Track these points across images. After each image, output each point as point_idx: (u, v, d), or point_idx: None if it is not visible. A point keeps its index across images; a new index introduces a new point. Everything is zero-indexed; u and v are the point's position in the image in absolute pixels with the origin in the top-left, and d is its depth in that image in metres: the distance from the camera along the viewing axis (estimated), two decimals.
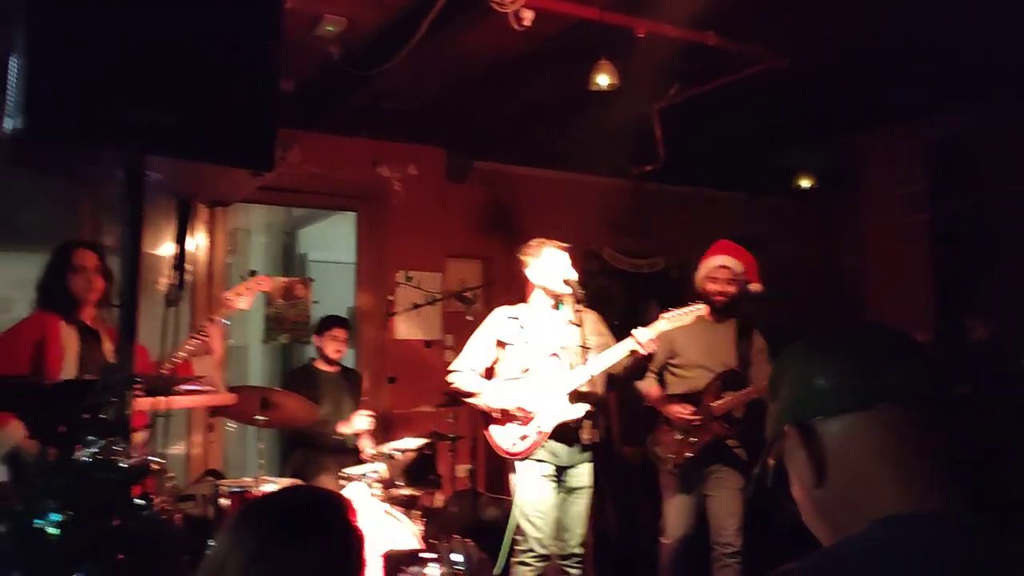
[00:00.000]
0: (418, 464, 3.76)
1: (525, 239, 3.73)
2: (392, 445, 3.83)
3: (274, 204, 5.79)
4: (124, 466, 1.37)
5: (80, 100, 1.37)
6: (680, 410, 3.69)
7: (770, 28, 3.79)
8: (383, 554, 3.17)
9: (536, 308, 3.57)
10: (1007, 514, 0.79)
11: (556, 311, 3.55)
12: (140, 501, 1.39)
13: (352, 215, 5.49)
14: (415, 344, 5.21)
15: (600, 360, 3.34)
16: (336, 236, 6.10)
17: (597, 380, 3.42)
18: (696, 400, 3.71)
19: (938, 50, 3.75)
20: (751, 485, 0.96)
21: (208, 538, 3.08)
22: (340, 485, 3.61)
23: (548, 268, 3.49)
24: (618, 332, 3.52)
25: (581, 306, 3.40)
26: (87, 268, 3.01)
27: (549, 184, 5.74)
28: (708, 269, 3.77)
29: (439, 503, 3.84)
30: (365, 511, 3.37)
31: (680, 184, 5.94)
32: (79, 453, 1.39)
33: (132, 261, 1.58)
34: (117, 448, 1.39)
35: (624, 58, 3.70)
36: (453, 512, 3.88)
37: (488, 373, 3.63)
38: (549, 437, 3.38)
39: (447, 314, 5.24)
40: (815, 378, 0.88)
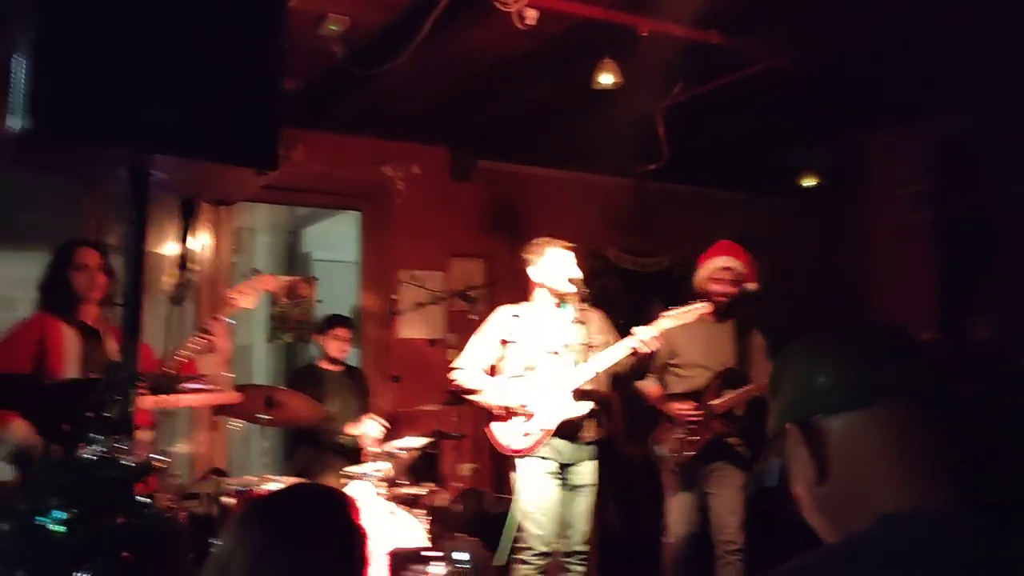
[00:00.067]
0: (422, 463, 3.77)
1: (529, 238, 3.73)
2: (396, 444, 3.84)
3: (278, 203, 5.79)
4: (128, 464, 1.37)
5: (84, 99, 1.38)
6: (681, 407, 3.70)
7: (773, 27, 3.78)
8: (388, 552, 3.18)
9: (539, 306, 3.58)
10: (1008, 513, 0.79)
11: (559, 309, 3.56)
12: (144, 499, 1.40)
13: (356, 214, 5.49)
14: (419, 343, 5.22)
15: (602, 358, 3.35)
16: (340, 235, 6.10)
17: (600, 378, 3.42)
18: (696, 399, 3.71)
19: (940, 49, 3.74)
20: (753, 482, 0.96)
21: (212, 537, 3.09)
22: (344, 484, 3.61)
23: (552, 267, 3.50)
24: (622, 331, 3.52)
25: (585, 305, 3.41)
26: (90, 266, 3.01)
27: (553, 183, 5.73)
28: (711, 270, 3.77)
29: (443, 502, 3.84)
30: (369, 510, 3.37)
31: (684, 183, 5.92)
32: (83, 451, 1.40)
33: (136, 260, 1.59)
34: (121, 446, 1.39)
35: (628, 57, 3.70)
36: (457, 511, 3.88)
37: (492, 371, 3.65)
38: (552, 434, 3.39)
39: (450, 313, 5.24)
40: (816, 376, 0.88)
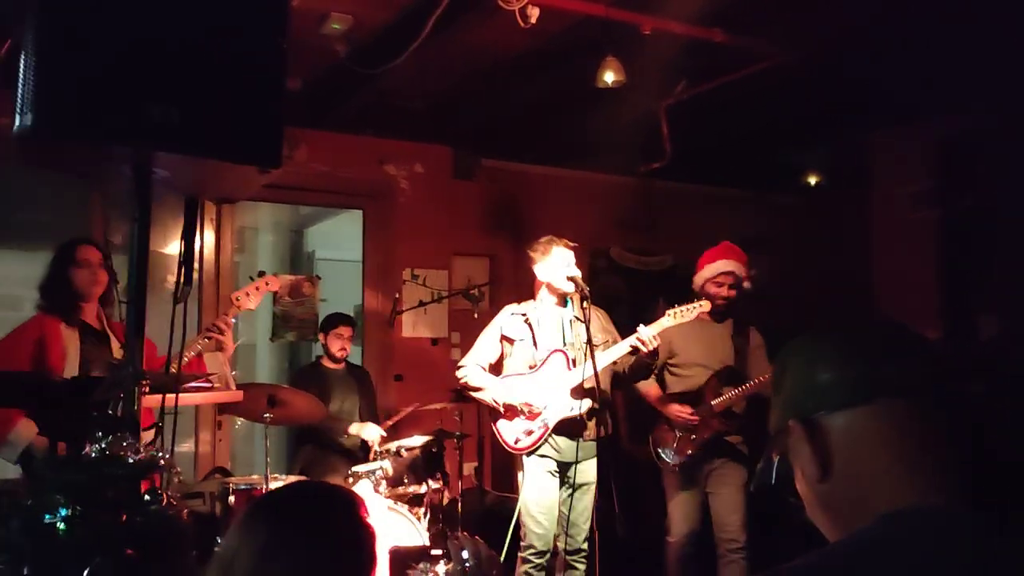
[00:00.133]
0: (425, 462, 3.77)
1: (532, 237, 3.74)
2: (399, 443, 3.85)
3: (281, 202, 5.80)
4: (132, 462, 1.38)
5: (88, 98, 1.38)
6: (679, 410, 3.72)
7: (776, 26, 3.77)
8: (389, 551, 3.18)
9: (543, 305, 3.60)
10: (1008, 513, 0.79)
11: (563, 308, 3.58)
12: (148, 497, 1.40)
13: (359, 213, 5.49)
14: (422, 342, 5.22)
15: (603, 357, 3.36)
16: (343, 234, 6.11)
17: (603, 377, 3.43)
18: (695, 398, 3.73)
19: (943, 48, 3.72)
20: (755, 480, 0.95)
21: (216, 535, 3.10)
22: (347, 483, 3.62)
23: (556, 266, 3.51)
24: (625, 330, 3.54)
25: (588, 303, 3.42)
26: (91, 263, 3.02)
27: (556, 182, 5.73)
28: (712, 273, 3.78)
29: (446, 500, 3.85)
30: (372, 509, 3.38)
31: (687, 182, 5.91)
32: (88, 449, 1.40)
33: (141, 258, 1.59)
34: (125, 444, 1.40)
35: (630, 55, 3.69)
36: (460, 509, 3.88)
37: (496, 370, 3.66)
38: (553, 432, 3.42)
39: (454, 312, 5.25)
40: (818, 373, 0.88)
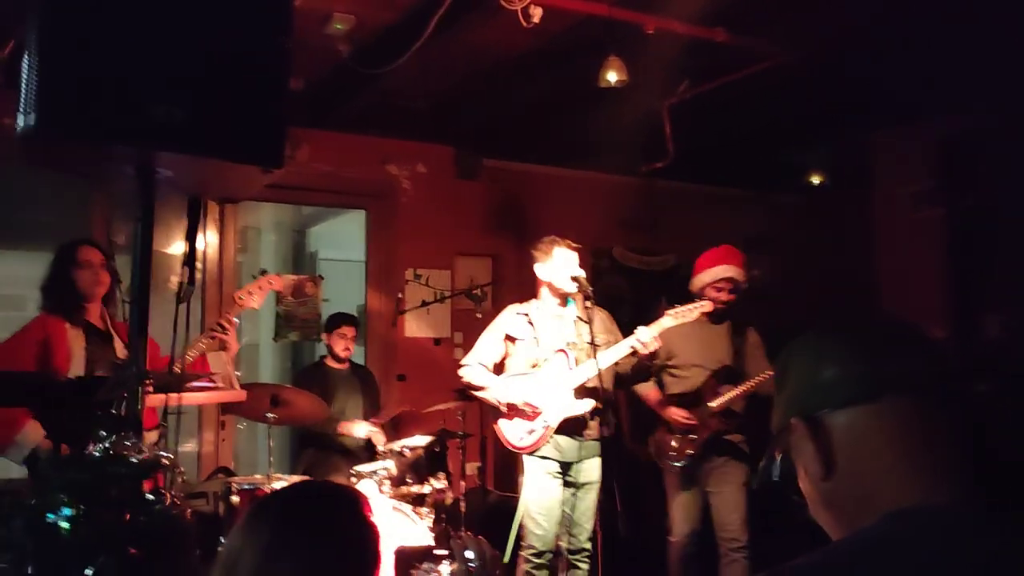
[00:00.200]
0: (428, 461, 3.77)
1: (535, 237, 3.74)
2: (402, 443, 3.85)
3: (284, 202, 5.80)
4: (135, 461, 1.38)
5: (91, 98, 1.38)
6: (676, 413, 3.74)
7: (779, 25, 3.77)
8: (394, 551, 3.18)
9: (546, 305, 3.61)
10: (1013, 512, 0.78)
11: (565, 308, 3.59)
12: (151, 496, 1.40)
13: (362, 213, 5.49)
14: (424, 342, 5.22)
15: (605, 357, 3.37)
16: (346, 234, 6.11)
17: (605, 377, 3.44)
18: (694, 399, 3.75)
19: (946, 47, 3.72)
20: (758, 478, 0.95)
21: (219, 535, 3.10)
22: (350, 482, 3.62)
23: (556, 267, 3.52)
24: (628, 330, 3.54)
25: (590, 303, 3.42)
26: (93, 263, 3.02)
27: (558, 181, 5.72)
28: (712, 278, 3.78)
29: (449, 500, 3.85)
30: (376, 508, 3.38)
31: (690, 181, 5.91)
32: (91, 448, 1.40)
33: (144, 258, 1.59)
34: (128, 443, 1.40)
35: (633, 54, 3.68)
36: (463, 509, 3.88)
37: (499, 369, 3.67)
38: (555, 432, 3.42)
39: (456, 312, 5.25)
40: (822, 370, 0.87)
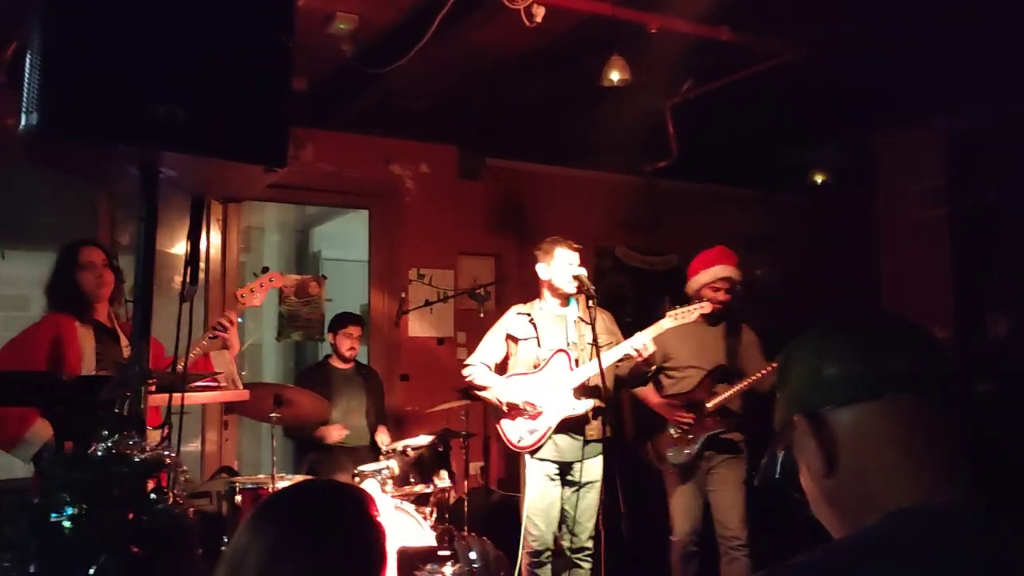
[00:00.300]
0: (431, 461, 3.78)
1: (538, 236, 3.74)
2: (405, 442, 3.85)
3: (287, 202, 5.81)
4: (139, 460, 1.38)
5: (92, 98, 1.38)
6: (675, 411, 3.75)
7: (783, 23, 3.76)
8: (396, 551, 3.18)
9: (547, 305, 3.63)
10: (1015, 511, 0.78)
11: (566, 308, 3.61)
12: (154, 495, 1.40)
13: (365, 213, 5.50)
14: (427, 341, 5.22)
15: (604, 358, 3.38)
16: (349, 234, 6.11)
17: (606, 376, 3.45)
18: (690, 399, 3.76)
19: (952, 45, 3.70)
20: (759, 476, 0.94)
21: (222, 534, 3.10)
22: (354, 482, 3.62)
23: (557, 267, 3.53)
24: (631, 330, 3.54)
25: (592, 304, 3.43)
26: (96, 264, 3.02)
27: (561, 181, 5.72)
28: (709, 278, 3.79)
29: (452, 500, 3.85)
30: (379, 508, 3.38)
31: (693, 181, 5.90)
32: (95, 447, 1.40)
33: (147, 258, 1.59)
34: (131, 442, 1.40)
35: (636, 54, 3.68)
36: (466, 509, 3.88)
37: (503, 369, 3.68)
38: (555, 432, 3.45)
39: (459, 311, 5.25)
40: (825, 367, 0.87)
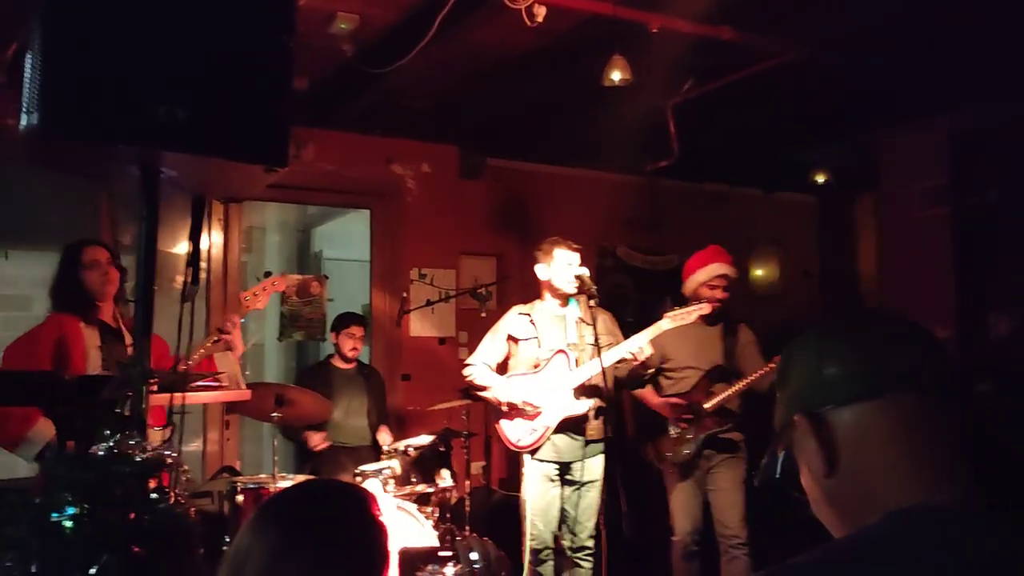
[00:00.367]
0: (433, 461, 3.78)
1: (539, 236, 3.74)
2: (407, 442, 3.85)
3: (288, 202, 5.81)
4: (140, 460, 1.38)
5: (94, 97, 1.38)
6: (673, 412, 3.76)
7: (785, 22, 3.75)
8: (398, 552, 3.18)
9: (548, 306, 3.64)
10: (1016, 511, 0.78)
11: (567, 308, 3.61)
12: (155, 495, 1.40)
13: (366, 213, 5.50)
14: (429, 341, 5.22)
15: (603, 359, 3.38)
16: (351, 234, 6.11)
17: (608, 377, 3.45)
18: (689, 400, 3.78)
19: (955, 44, 3.70)
20: (760, 475, 0.94)
21: (224, 534, 3.10)
22: (356, 482, 3.62)
23: (556, 268, 3.54)
24: (631, 329, 3.54)
25: (593, 304, 3.43)
26: (100, 262, 3.02)
27: (562, 181, 5.72)
28: (706, 276, 3.80)
29: (454, 499, 3.85)
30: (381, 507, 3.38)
31: (694, 180, 5.90)
32: (96, 447, 1.40)
33: (148, 257, 1.59)
34: (133, 442, 1.40)
35: (637, 53, 3.68)
36: (468, 508, 3.88)
37: (503, 369, 3.69)
38: (555, 432, 3.45)
39: (461, 311, 5.24)
40: (825, 367, 0.87)
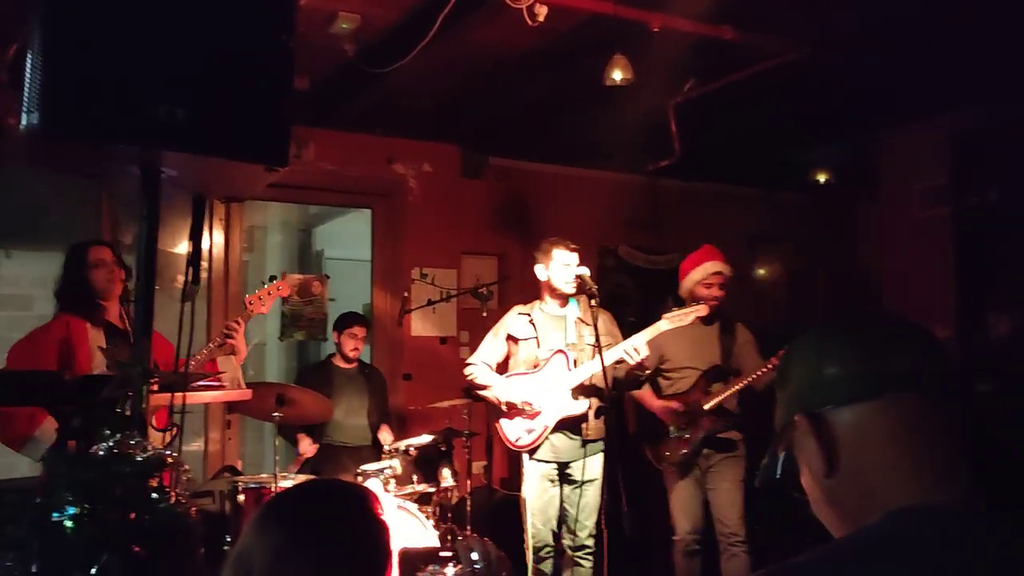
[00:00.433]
0: (433, 460, 3.78)
1: (540, 235, 3.75)
2: (408, 441, 3.85)
3: (289, 202, 5.81)
4: (141, 459, 1.38)
5: (94, 97, 1.38)
6: (671, 406, 3.77)
7: (786, 22, 3.75)
8: (398, 551, 3.18)
9: (547, 306, 3.66)
10: (1016, 511, 0.78)
11: (566, 308, 3.62)
12: (156, 494, 1.40)
13: (367, 212, 5.50)
14: (430, 341, 5.22)
15: (601, 359, 3.38)
16: (352, 233, 6.11)
17: (607, 377, 3.45)
18: (687, 400, 3.78)
19: (956, 43, 3.69)
20: (760, 475, 0.94)
21: (225, 534, 3.10)
22: (357, 482, 3.62)
23: (555, 268, 3.55)
24: (633, 329, 3.54)
25: (593, 304, 3.43)
26: (106, 261, 3.03)
27: (564, 180, 5.72)
28: (703, 275, 3.81)
29: (455, 499, 3.85)
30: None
31: (695, 180, 5.89)
32: (97, 446, 1.40)
33: (149, 257, 1.59)
34: (133, 441, 1.40)
35: (639, 53, 3.68)
36: (469, 508, 3.88)
37: (504, 369, 3.69)
38: (553, 431, 3.47)
39: (462, 311, 5.24)
40: (825, 367, 0.87)
